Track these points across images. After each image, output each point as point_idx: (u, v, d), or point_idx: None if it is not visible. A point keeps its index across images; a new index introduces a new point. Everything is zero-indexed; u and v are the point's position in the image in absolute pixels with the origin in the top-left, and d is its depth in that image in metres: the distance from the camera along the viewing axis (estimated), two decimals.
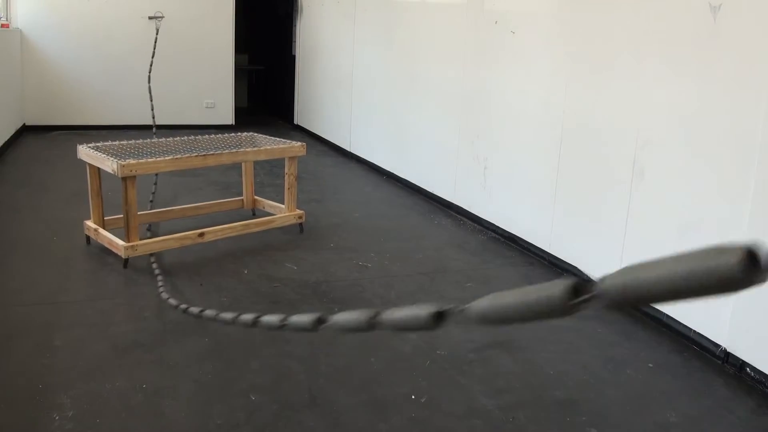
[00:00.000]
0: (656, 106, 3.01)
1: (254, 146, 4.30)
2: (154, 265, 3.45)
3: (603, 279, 0.73)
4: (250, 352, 2.66)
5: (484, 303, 0.84)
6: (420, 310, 0.94)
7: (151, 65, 6.49)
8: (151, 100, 6.21)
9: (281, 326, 1.34)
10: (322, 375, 2.52)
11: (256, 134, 4.47)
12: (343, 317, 1.12)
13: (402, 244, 4.11)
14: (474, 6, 4.49)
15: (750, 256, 0.60)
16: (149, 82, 6.30)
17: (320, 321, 1.17)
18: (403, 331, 1.00)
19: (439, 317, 0.92)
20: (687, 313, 2.88)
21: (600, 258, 3.40)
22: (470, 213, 4.62)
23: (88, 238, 3.80)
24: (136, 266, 3.49)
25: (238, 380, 2.44)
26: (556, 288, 0.75)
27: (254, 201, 4.58)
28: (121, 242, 3.49)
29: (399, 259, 3.81)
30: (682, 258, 0.67)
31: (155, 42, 6.85)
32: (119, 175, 3.40)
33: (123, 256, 3.46)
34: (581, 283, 0.75)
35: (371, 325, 1.05)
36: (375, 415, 2.26)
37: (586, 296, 0.73)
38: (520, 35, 4.02)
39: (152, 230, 4.04)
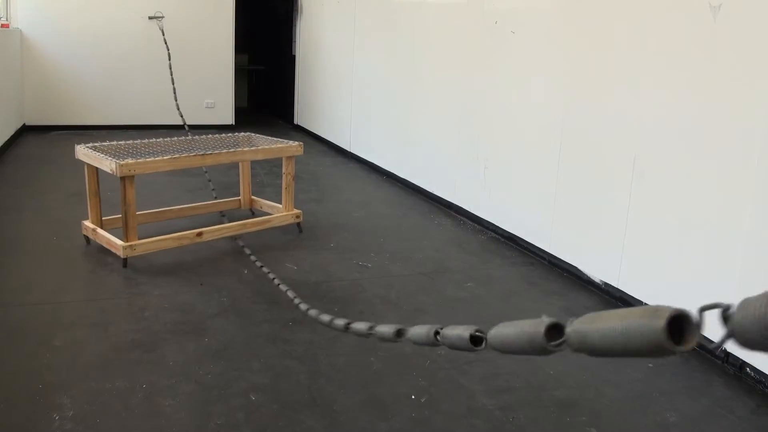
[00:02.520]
0: (656, 106, 3.01)
1: (252, 146, 4.30)
2: (247, 251, 3.70)
3: (571, 323, 0.76)
4: (250, 352, 2.66)
5: (493, 331, 0.96)
6: (463, 332, 1.05)
7: (170, 66, 6.49)
8: (176, 100, 6.21)
9: (368, 334, 1.48)
10: (322, 375, 2.52)
11: (253, 134, 4.47)
12: (450, 332, 1.17)
13: (402, 244, 4.11)
14: (474, 6, 4.49)
15: (677, 321, 0.63)
16: (173, 84, 6.30)
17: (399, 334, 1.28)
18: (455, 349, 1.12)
19: (474, 341, 1.03)
20: None
21: (600, 258, 3.40)
22: (470, 213, 4.62)
23: (87, 238, 3.80)
24: (136, 266, 3.49)
25: (238, 380, 2.44)
26: (539, 327, 0.82)
27: (251, 201, 4.58)
28: (119, 242, 3.49)
29: (399, 259, 3.81)
30: (625, 315, 0.68)
31: (165, 42, 6.84)
32: (118, 175, 3.40)
33: (121, 256, 3.46)
34: (560, 324, 0.79)
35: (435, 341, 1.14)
36: (375, 415, 2.26)
37: (558, 341, 0.78)
38: (520, 35, 4.02)
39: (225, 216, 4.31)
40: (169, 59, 6.57)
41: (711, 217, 2.74)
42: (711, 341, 0.74)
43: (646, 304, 3.08)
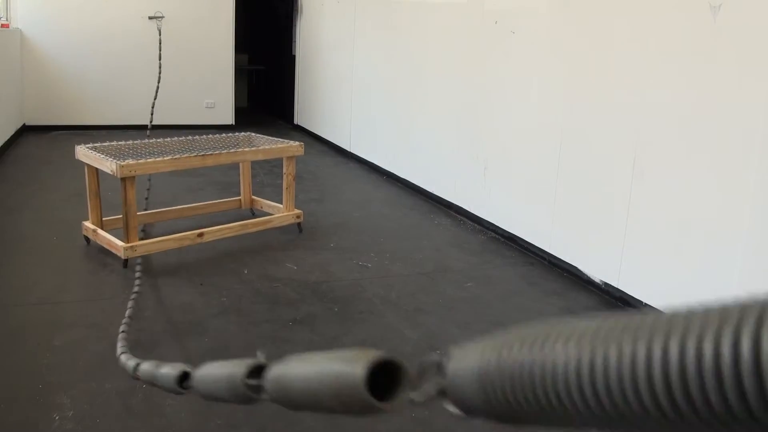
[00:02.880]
0: (656, 106, 3.01)
1: (252, 146, 4.30)
2: (138, 274, 3.28)
3: (272, 367, 0.60)
4: (250, 351, 2.66)
5: (198, 373, 0.79)
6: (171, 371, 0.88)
7: (160, 67, 6.49)
8: (155, 99, 6.20)
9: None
10: None
11: (253, 134, 4.47)
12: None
13: (402, 244, 4.11)
14: (474, 6, 4.49)
15: (385, 370, 0.46)
16: (158, 82, 6.30)
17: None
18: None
19: (182, 381, 0.86)
20: None
21: (600, 258, 3.40)
22: (470, 213, 4.62)
23: (87, 238, 3.80)
24: (136, 266, 3.49)
25: None
26: (239, 368, 0.66)
27: (252, 201, 4.58)
28: (120, 243, 3.49)
29: (399, 259, 3.81)
30: (324, 358, 0.52)
31: (160, 43, 6.84)
32: (119, 176, 3.40)
33: (122, 257, 3.46)
34: (258, 366, 0.65)
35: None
36: (375, 414, 2.26)
37: (257, 386, 0.63)
38: (520, 35, 4.02)
39: (146, 231, 4.03)
40: (160, 59, 6.56)
41: (711, 217, 2.74)
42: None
43: (646, 304, 3.09)
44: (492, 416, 0.41)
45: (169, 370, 0.88)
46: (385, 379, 0.47)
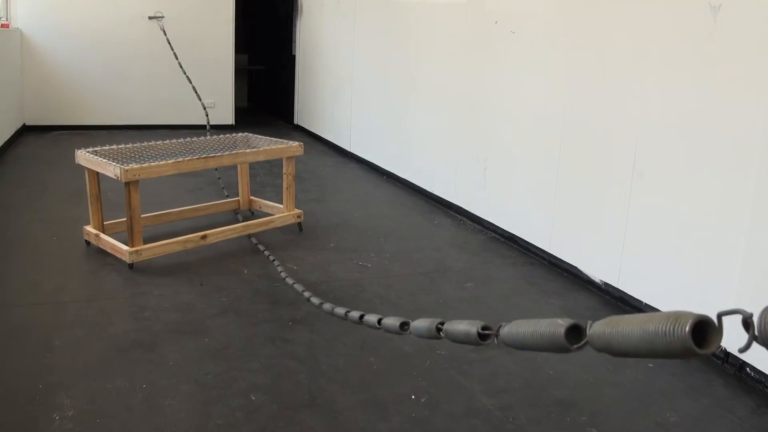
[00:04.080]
0: (656, 107, 3.01)
1: (249, 146, 4.30)
2: (261, 247, 3.79)
3: (593, 325, 0.82)
4: (250, 352, 2.66)
5: (506, 329, 1.00)
6: (469, 327, 1.09)
7: (180, 65, 6.50)
8: (201, 100, 6.23)
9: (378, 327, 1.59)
10: (322, 375, 2.52)
11: (251, 134, 4.47)
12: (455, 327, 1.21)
13: (402, 244, 4.11)
14: (474, 6, 4.49)
15: (699, 327, 0.67)
16: (191, 82, 6.32)
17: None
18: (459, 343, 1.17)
19: (481, 336, 1.06)
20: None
21: (600, 258, 3.40)
22: (470, 213, 4.62)
23: (87, 241, 3.80)
24: (136, 266, 3.49)
25: (238, 380, 2.44)
26: (558, 328, 0.86)
27: (250, 201, 4.58)
28: (125, 247, 3.48)
29: (399, 259, 3.81)
30: (647, 320, 0.72)
31: (169, 42, 6.84)
32: (122, 180, 3.39)
33: (128, 262, 3.45)
34: (580, 325, 0.85)
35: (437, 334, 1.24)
36: (375, 415, 2.26)
37: (580, 343, 0.84)
38: (520, 35, 4.02)
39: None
40: (177, 59, 6.57)
41: (711, 217, 2.74)
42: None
43: (646, 303, 3.09)
44: None
45: (468, 328, 1.09)
46: (696, 330, 0.68)
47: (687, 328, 0.67)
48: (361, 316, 1.77)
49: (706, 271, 2.77)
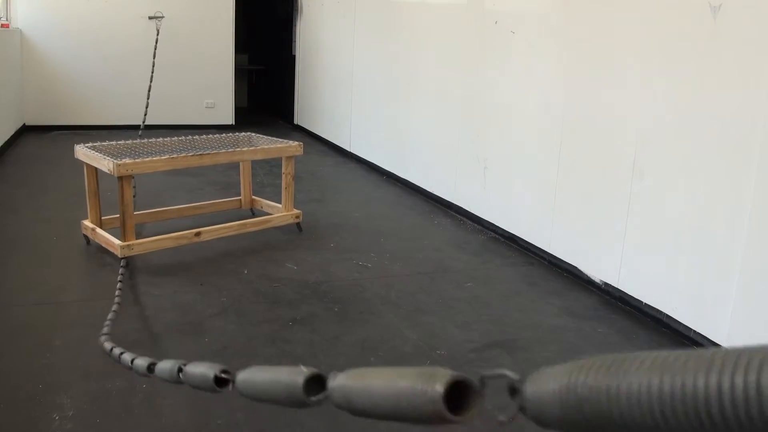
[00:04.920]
0: (656, 106, 3.01)
1: (251, 146, 4.30)
2: (121, 271, 3.31)
3: (335, 377, 0.71)
4: (250, 352, 2.66)
5: (242, 375, 0.85)
6: (207, 370, 0.94)
7: (153, 66, 6.49)
8: (148, 99, 6.22)
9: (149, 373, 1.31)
10: None
11: (253, 134, 4.47)
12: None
13: (402, 244, 4.11)
14: (474, 6, 4.49)
15: (457, 388, 0.56)
16: (150, 81, 6.31)
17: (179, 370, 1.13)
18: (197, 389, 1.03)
19: (219, 382, 0.91)
20: (687, 313, 2.88)
21: (600, 258, 3.40)
22: (470, 213, 4.62)
23: (87, 237, 3.80)
24: (135, 266, 3.49)
25: None
26: (297, 377, 0.74)
27: (252, 201, 4.58)
28: (117, 241, 3.49)
29: (399, 259, 3.81)
30: (396, 375, 0.61)
31: (156, 43, 6.85)
32: (115, 175, 3.40)
33: (119, 256, 3.46)
34: (322, 375, 0.73)
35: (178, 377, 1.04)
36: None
37: (319, 396, 0.73)
38: (520, 35, 4.02)
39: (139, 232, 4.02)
40: (154, 58, 6.57)
41: (711, 217, 2.74)
42: (711, 341, 0.72)
43: (646, 303, 3.09)
44: (569, 429, 0.51)
45: (206, 370, 0.93)
46: (452, 392, 0.56)
47: (439, 388, 0.55)
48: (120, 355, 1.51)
49: (707, 270, 2.77)
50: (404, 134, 5.60)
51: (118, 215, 3.67)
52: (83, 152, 3.70)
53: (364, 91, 6.43)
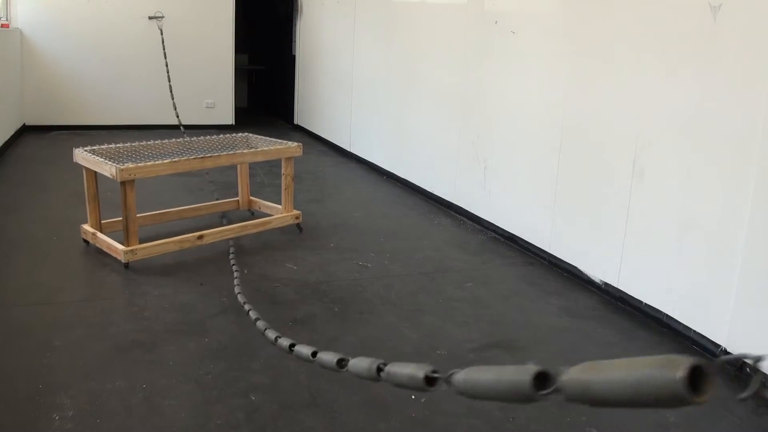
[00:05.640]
0: (656, 107, 3.01)
1: (249, 147, 4.30)
2: (232, 251, 3.69)
3: (566, 372, 0.76)
4: (250, 352, 2.66)
5: (461, 376, 0.91)
6: (415, 371, 1.00)
7: (167, 66, 6.50)
8: (173, 99, 6.23)
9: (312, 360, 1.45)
10: (322, 375, 2.51)
11: (251, 135, 4.46)
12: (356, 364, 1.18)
13: (402, 244, 4.11)
14: (474, 6, 4.49)
15: (694, 373, 0.62)
16: (169, 81, 6.32)
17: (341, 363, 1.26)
18: (400, 387, 1.08)
19: (429, 381, 0.97)
20: (687, 313, 2.88)
21: (600, 258, 3.40)
22: (470, 213, 4.62)
23: (86, 242, 3.79)
24: (136, 266, 3.49)
25: (238, 380, 2.44)
26: (524, 375, 0.79)
27: (250, 202, 4.58)
28: (120, 246, 3.48)
29: (399, 259, 3.81)
30: (633, 365, 0.68)
31: (163, 43, 6.84)
32: (118, 180, 3.39)
33: (123, 261, 3.45)
34: (548, 372, 0.78)
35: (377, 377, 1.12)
36: (375, 415, 2.26)
37: (549, 390, 0.77)
38: (520, 35, 4.02)
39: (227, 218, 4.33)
40: (165, 57, 6.57)
41: (711, 217, 2.74)
42: (711, 341, 0.74)
43: (646, 303, 3.09)
44: None
45: (414, 371, 1.00)
46: (691, 376, 0.64)
47: (681, 373, 0.63)
48: (292, 345, 1.66)
49: (706, 270, 2.77)
50: (404, 134, 5.60)
51: (117, 218, 3.68)
52: (83, 156, 3.67)
53: (364, 91, 6.43)
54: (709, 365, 0.63)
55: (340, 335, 2.81)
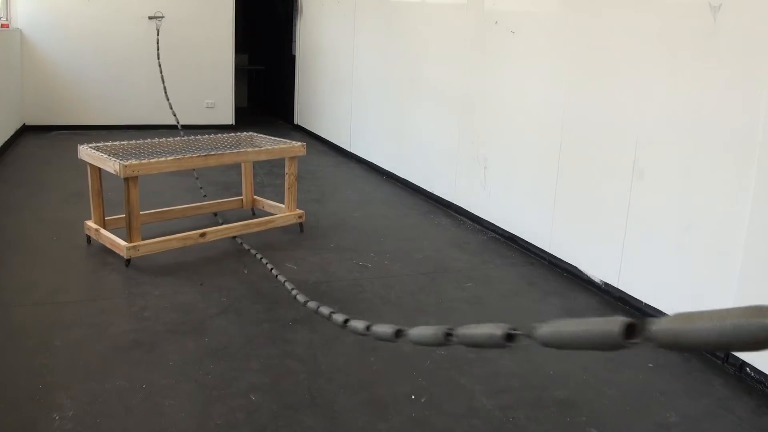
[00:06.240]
0: (656, 106, 3.01)
1: (254, 146, 4.30)
2: (246, 246, 3.77)
3: (655, 323, 0.83)
4: (250, 352, 2.66)
5: (547, 329, 0.96)
6: (493, 330, 1.06)
7: (159, 66, 6.49)
8: (168, 99, 6.22)
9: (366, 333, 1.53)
10: (322, 375, 2.52)
11: (255, 134, 4.47)
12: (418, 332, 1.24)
13: (402, 244, 4.11)
14: (474, 6, 4.49)
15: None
16: (163, 82, 6.31)
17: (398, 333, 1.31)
18: (476, 347, 1.17)
19: (509, 338, 1.04)
20: None
21: (600, 258, 3.40)
22: (470, 213, 4.62)
23: (88, 238, 3.80)
24: (136, 266, 3.49)
25: (238, 380, 2.44)
26: (613, 326, 0.86)
27: (254, 201, 4.58)
28: (123, 242, 3.48)
29: (399, 259, 3.81)
30: (723, 315, 0.75)
31: (157, 43, 6.84)
32: (122, 176, 3.39)
33: (125, 257, 3.46)
34: (636, 323, 0.85)
35: (446, 341, 1.19)
36: (375, 415, 2.26)
37: (639, 339, 0.85)
38: (520, 35, 4.02)
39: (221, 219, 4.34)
40: (159, 58, 6.56)
41: (711, 217, 2.74)
42: None
43: (646, 303, 3.09)
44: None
45: (491, 330, 1.06)
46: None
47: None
48: (346, 320, 1.73)
49: (706, 270, 2.77)
50: (404, 134, 5.60)
51: (120, 216, 3.67)
52: (87, 152, 3.68)
53: (364, 91, 6.43)
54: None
55: (340, 335, 2.81)
